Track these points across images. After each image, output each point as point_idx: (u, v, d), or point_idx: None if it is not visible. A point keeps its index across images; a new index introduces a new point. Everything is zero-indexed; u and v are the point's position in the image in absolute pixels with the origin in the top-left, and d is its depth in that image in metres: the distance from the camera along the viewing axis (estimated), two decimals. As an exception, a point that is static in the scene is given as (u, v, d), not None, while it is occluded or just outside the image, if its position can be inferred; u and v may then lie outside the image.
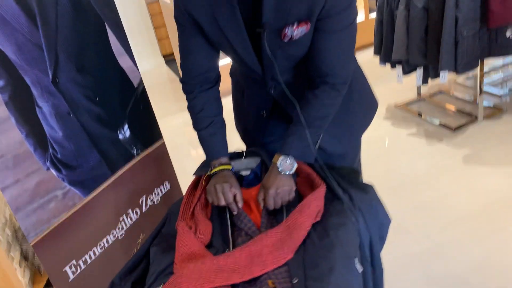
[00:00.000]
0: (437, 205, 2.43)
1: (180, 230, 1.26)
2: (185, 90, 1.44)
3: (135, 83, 1.65)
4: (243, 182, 1.47)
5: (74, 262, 1.43)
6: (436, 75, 2.96)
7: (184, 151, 3.83)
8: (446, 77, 2.84)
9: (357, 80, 1.48)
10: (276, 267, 1.13)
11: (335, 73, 1.28)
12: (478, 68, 2.88)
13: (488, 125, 3.09)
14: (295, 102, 1.31)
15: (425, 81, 3.09)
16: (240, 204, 1.33)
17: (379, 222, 1.35)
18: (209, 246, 1.28)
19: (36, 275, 1.82)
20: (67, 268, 1.41)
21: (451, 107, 3.37)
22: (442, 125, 3.16)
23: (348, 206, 1.30)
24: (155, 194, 1.77)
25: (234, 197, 1.33)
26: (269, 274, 1.12)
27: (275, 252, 1.15)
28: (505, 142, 2.86)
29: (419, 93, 3.59)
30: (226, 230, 1.30)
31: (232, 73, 1.64)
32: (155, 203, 1.78)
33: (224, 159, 1.43)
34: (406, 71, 3.11)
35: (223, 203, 1.31)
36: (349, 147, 1.61)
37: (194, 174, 1.52)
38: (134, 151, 1.66)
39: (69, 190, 1.43)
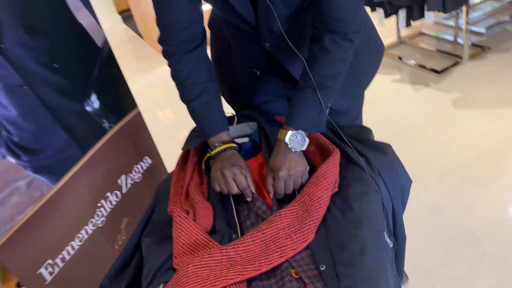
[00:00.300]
0: (432, 154, 2.32)
1: (176, 217, 1.06)
2: (166, 53, 1.17)
3: (99, 43, 1.38)
4: (240, 152, 1.27)
5: (50, 261, 1.22)
6: (420, 16, 2.77)
7: (153, 116, 3.57)
8: (432, 18, 2.67)
9: (363, 22, 1.27)
10: (297, 252, 0.96)
11: (347, 19, 1.05)
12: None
13: (474, 66, 2.97)
14: (302, 58, 1.09)
15: (408, 23, 2.90)
16: (253, 188, 1.13)
17: (401, 186, 1.19)
18: (211, 232, 1.09)
19: (5, 272, 1.59)
20: (42, 270, 1.20)
21: (433, 49, 3.23)
22: (427, 69, 3.01)
23: (367, 171, 1.13)
24: (135, 171, 1.55)
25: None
26: (290, 262, 0.94)
27: (294, 235, 0.98)
28: (493, 82, 2.75)
29: (399, 36, 3.42)
30: (230, 211, 1.11)
31: (211, 24, 1.39)
32: (137, 181, 1.56)
33: (225, 135, 1.21)
34: (388, 14, 2.90)
35: (236, 191, 1.11)
36: (355, 102, 1.42)
37: (182, 148, 1.30)
38: (107, 125, 1.41)
39: (33, 179, 1.18)
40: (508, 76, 2.76)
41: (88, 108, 1.34)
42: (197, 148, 1.30)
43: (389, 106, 2.80)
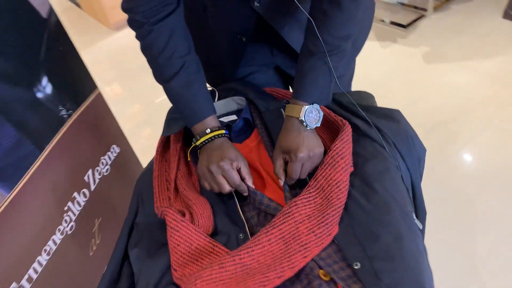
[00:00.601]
0: (410, 112, 2.21)
1: (171, 221, 0.88)
2: (132, 23, 0.94)
3: (44, 13, 1.11)
4: (230, 134, 1.09)
5: (14, 285, 1.00)
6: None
7: (107, 95, 3.27)
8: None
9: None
10: (322, 249, 0.81)
11: None
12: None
13: (439, 18, 2.88)
14: (309, 17, 0.91)
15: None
16: (250, 181, 0.95)
17: (417, 156, 1.06)
18: (213, 233, 0.92)
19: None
20: (6, 295, 0.99)
21: (394, 1, 3.11)
22: (392, 23, 2.89)
23: (382, 143, 0.99)
24: (102, 164, 1.32)
25: (239, 172, 0.95)
26: (316, 261, 0.79)
27: (317, 229, 0.82)
28: (460, 33, 2.68)
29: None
30: (232, 206, 0.94)
31: None
32: (105, 175, 1.34)
33: (212, 121, 1.01)
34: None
35: (228, 189, 0.94)
36: (352, 64, 1.26)
37: (163, 134, 1.10)
38: (64, 113, 1.17)
39: (-19, 188, 0.95)
40: (475, 26, 2.71)
41: (39, 95, 1.10)
42: (179, 131, 1.10)
43: (358, 67, 2.68)
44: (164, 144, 1.13)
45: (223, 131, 1.00)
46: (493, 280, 1.50)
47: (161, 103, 3.14)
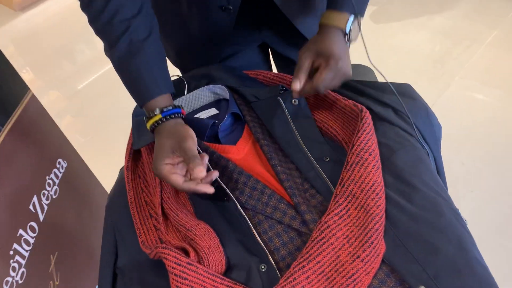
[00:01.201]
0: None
1: (175, 267, 0.66)
2: None
3: None
4: (218, 134, 0.87)
5: None
6: None
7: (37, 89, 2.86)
8: None
9: None
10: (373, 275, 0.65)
11: None
12: None
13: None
14: None
15: None
16: (214, 175, 0.76)
17: (436, 136, 0.92)
18: (227, 270, 0.72)
19: None
20: None
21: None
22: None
23: (403, 126, 0.83)
24: (49, 185, 1.05)
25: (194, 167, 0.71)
26: (370, 291, 0.63)
27: (361, 252, 0.66)
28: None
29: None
30: (244, 228, 0.74)
31: None
32: (54, 198, 1.07)
33: (164, 100, 0.79)
34: None
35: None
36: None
37: (134, 147, 0.86)
38: (-10, 130, 0.89)
39: None
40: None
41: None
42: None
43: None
44: (134, 157, 0.89)
45: (158, 115, 0.77)
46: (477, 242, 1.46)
47: (84, 90, 2.80)
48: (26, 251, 0.93)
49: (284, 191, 0.77)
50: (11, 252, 0.89)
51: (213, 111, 0.95)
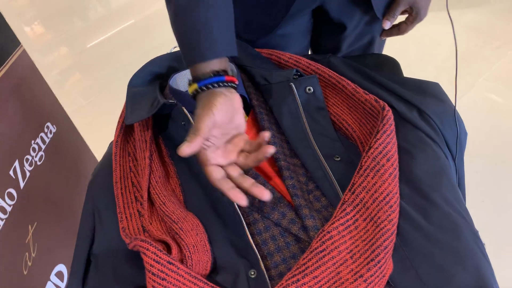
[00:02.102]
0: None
1: (153, 264, 0.58)
2: None
3: None
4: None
5: None
6: None
7: (26, 37, 2.77)
8: None
9: None
10: (376, 296, 0.57)
11: None
12: None
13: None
14: None
15: None
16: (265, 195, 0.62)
17: (461, 144, 0.83)
18: (212, 271, 0.64)
19: None
20: None
21: None
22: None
23: (427, 131, 0.74)
24: (33, 150, 0.97)
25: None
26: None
27: (365, 271, 0.58)
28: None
29: None
30: (236, 226, 0.65)
31: None
32: (38, 164, 0.99)
33: (223, 63, 0.66)
34: None
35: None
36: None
37: (126, 121, 0.77)
38: (-29, 84, 0.80)
39: None
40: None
41: None
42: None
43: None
44: (125, 131, 0.80)
45: (233, 79, 0.66)
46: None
47: (93, 49, 2.71)
48: (1, 219, 0.86)
49: (286, 189, 0.68)
50: (-16, 219, 0.82)
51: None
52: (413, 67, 1.99)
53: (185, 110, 0.75)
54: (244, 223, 0.64)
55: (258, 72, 0.82)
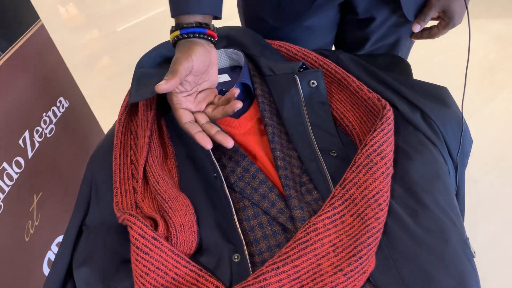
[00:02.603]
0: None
1: (138, 238, 0.60)
2: None
3: None
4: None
5: None
6: None
7: (60, 17, 2.83)
8: None
9: None
10: (353, 292, 0.57)
11: None
12: None
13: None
14: None
15: None
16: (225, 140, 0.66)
17: (465, 150, 0.82)
18: (197, 251, 0.65)
19: None
20: None
21: None
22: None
23: (428, 134, 0.74)
24: (44, 123, 1.00)
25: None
26: (345, 311, 0.55)
27: (346, 266, 0.58)
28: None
29: None
30: (224, 211, 0.66)
31: None
32: (48, 137, 1.02)
33: (205, 18, 0.72)
34: None
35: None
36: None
37: (129, 100, 0.78)
38: (-12, 53, 0.83)
39: None
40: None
41: None
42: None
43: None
44: (130, 110, 0.82)
45: (197, 30, 0.70)
46: (492, 268, 1.36)
47: (123, 32, 2.75)
48: (7, 185, 0.89)
49: (279, 179, 0.69)
50: (-10, 184, 0.85)
51: (225, 77, 0.87)
52: (437, 74, 1.96)
53: None
54: (233, 208, 0.65)
55: (265, 63, 0.83)
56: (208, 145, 0.65)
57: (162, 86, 0.62)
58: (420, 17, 0.90)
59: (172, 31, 0.71)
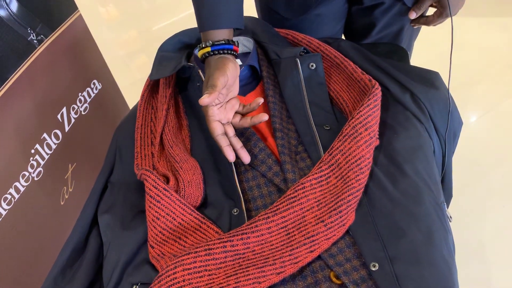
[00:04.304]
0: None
1: (152, 189, 0.71)
2: None
3: None
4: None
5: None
6: None
7: (101, 17, 3.00)
8: None
9: None
10: (333, 242, 0.66)
11: None
12: None
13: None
14: None
15: None
16: (244, 157, 0.77)
17: (453, 130, 0.89)
18: (203, 205, 0.76)
19: None
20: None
21: None
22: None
23: (416, 113, 0.81)
24: (80, 101, 1.13)
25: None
26: (325, 259, 0.65)
27: (327, 218, 0.67)
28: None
29: None
30: (227, 173, 0.77)
31: None
32: (83, 114, 1.15)
33: (229, 34, 0.80)
34: None
35: (216, 134, 0.76)
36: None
37: (150, 77, 0.90)
38: (34, 37, 0.97)
39: None
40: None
41: (1, 13, 0.89)
42: (171, 75, 0.91)
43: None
44: (152, 88, 0.94)
45: (232, 44, 0.78)
46: (497, 261, 1.39)
47: (158, 31, 2.90)
48: (47, 154, 1.03)
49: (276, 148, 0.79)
50: (32, 151, 0.98)
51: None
52: (454, 69, 1.99)
53: (201, 73, 0.87)
54: (234, 170, 0.76)
55: (271, 48, 0.93)
56: (232, 158, 0.74)
57: (205, 100, 0.69)
58: (416, 5, 0.97)
59: (201, 48, 0.78)
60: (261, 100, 0.77)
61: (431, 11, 1.01)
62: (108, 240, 0.74)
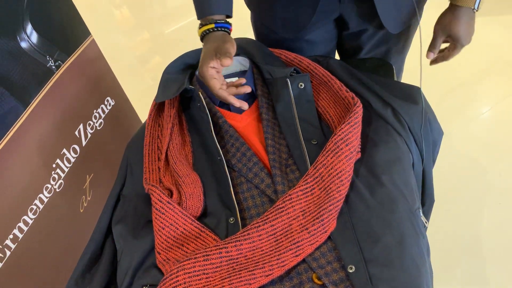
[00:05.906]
0: (430, 69, 2.08)
1: (157, 202, 0.82)
2: None
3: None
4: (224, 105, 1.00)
5: (-2, 245, 0.97)
6: None
7: (115, 18, 3.11)
8: None
9: None
10: (316, 247, 0.75)
11: None
12: None
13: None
14: None
15: None
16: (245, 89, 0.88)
17: (433, 140, 0.97)
18: (203, 215, 0.86)
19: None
20: (-11, 257, 0.96)
21: None
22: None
23: (396, 127, 0.89)
24: (95, 117, 1.25)
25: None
26: (309, 262, 0.74)
27: (311, 226, 0.76)
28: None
29: None
30: (224, 185, 0.87)
31: None
32: (98, 129, 1.27)
33: (219, 17, 0.92)
34: None
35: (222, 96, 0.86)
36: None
37: (156, 100, 1.00)
38: (52, 64, 1.08)
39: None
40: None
41: (23, 44, 1.00)
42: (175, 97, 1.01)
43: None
44: (158, 107, 1.04)
45: (217, 23, 0.90)
46: (494, 258, 1.46)
47: (171, 34, 2.99)
48: (67, 167, 1.14)
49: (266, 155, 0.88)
50: (54, 165, 1.10)
51: (235, 79, 1.07)
52: (455, 67, 2.04)
53: (201, 95, 0.96)
54: (230, 183, 0.85)
55: (266, 68, 1.01)
56: (238, 104, 0.85)
57: (228, 62, 0.81)
58: (430, 46, 1.01)
59: (204, 25, 0.90)
60: (243, 80, 0.90)
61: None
62: (121, 247, 0.84)
